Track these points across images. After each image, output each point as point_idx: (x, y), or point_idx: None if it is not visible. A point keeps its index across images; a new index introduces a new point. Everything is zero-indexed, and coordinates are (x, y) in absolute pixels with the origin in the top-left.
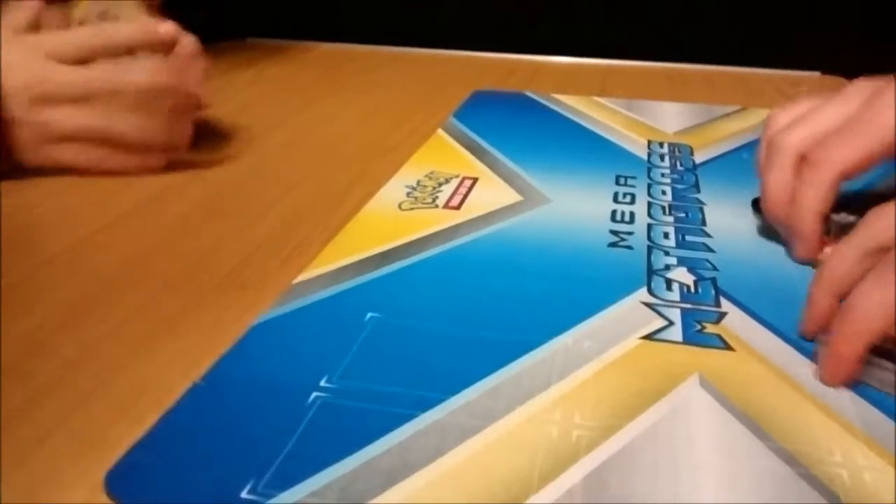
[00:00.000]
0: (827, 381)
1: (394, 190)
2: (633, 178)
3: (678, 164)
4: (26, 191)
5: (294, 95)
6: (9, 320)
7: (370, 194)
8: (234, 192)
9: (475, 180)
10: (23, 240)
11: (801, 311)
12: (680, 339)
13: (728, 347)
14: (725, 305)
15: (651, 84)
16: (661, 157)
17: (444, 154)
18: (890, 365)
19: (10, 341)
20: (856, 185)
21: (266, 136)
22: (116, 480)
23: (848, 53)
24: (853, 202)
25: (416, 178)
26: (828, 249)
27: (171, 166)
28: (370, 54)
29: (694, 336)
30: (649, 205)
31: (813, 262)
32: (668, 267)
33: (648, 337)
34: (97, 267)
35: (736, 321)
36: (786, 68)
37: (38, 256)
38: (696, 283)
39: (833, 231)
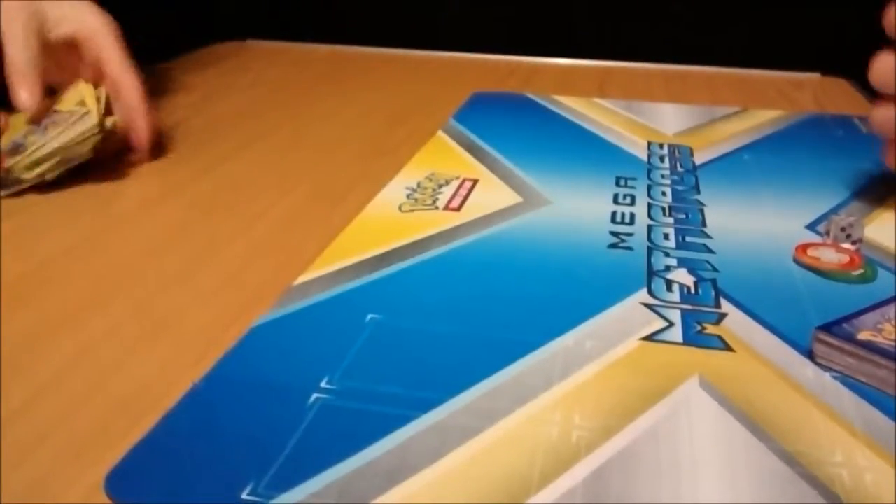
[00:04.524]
0: None
1: (394, 191)
2: (634, 179)
3: (678, 165)
4: (27, 191)
5: (294, 97)
6: (9, 319)
7: (370, 196)
8: (234, 193)
9: (475, 182)
10: (23, 240)
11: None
12: (680, 340)
13: (728, 348)
14: (725, 306)
15: (650, 85)
16: (661, 159)
17: (445, 155)
18: (889, 364)
19: (10, 340)
20: (855, 187)
21: (265, 137)
22: (116, 481)
23: (848, 54)
24: (853, 204)
25: (416, 179)
26: None
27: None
28: (370, 56)
29: (694, 337)
30: (649, 206)
31: None
32: (668, 268)
33: (649, 338)
34: (97, 267)
35: (736, 322)
36: (786, 69)
37: (39, 255)
38: (696, 284)
39: (833, 231)
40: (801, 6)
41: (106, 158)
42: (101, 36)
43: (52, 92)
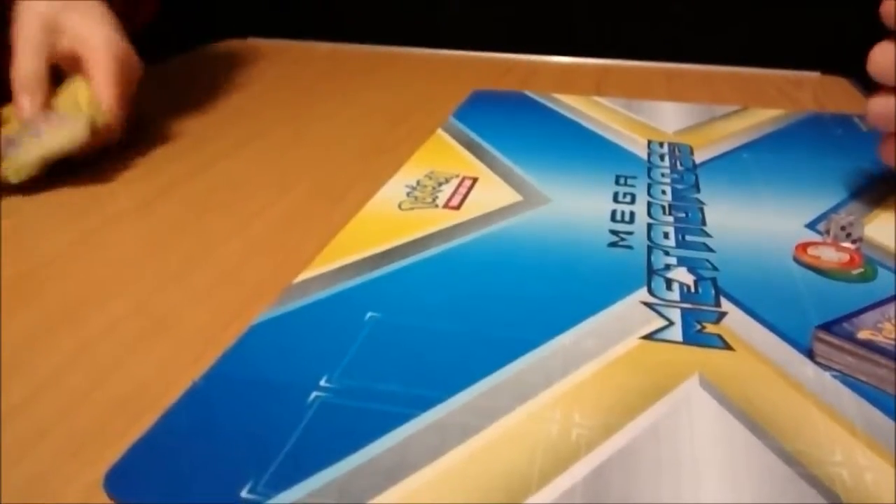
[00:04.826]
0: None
1: (394, 189)
2: (633, 177)
3: (678, 163)
4: (26, 189)
5: (294, 95)
6: (8, 318)
7: (370, 194)
8: (233, 191)
9: (475, 180)
10: (21, 239)
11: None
12: (680, 338)
13: (728, 347)
14: (725, 305)
15: (650, 84)
16: (661, 157)
17: (444, 154)
18: (890, 363)
19: (9, 339)
20: (855, 186)
21: (265, 135)
22: (116, 480)
23: (848, 53)
24: (853, 203)
25: (416, 177)
26: None
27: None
28: (370, 54)
29: (694, 336)
30: (649, 204)
31: None
32: (668, 267)
33: (648, 336)
34: (96, 265)
35: (736, 321)
36: (785, 68)
37: (38, 254)
38: (696, 282)
39: (833, 230)
40: (801, 5)
41: (99, 155)
42: (97, 57)
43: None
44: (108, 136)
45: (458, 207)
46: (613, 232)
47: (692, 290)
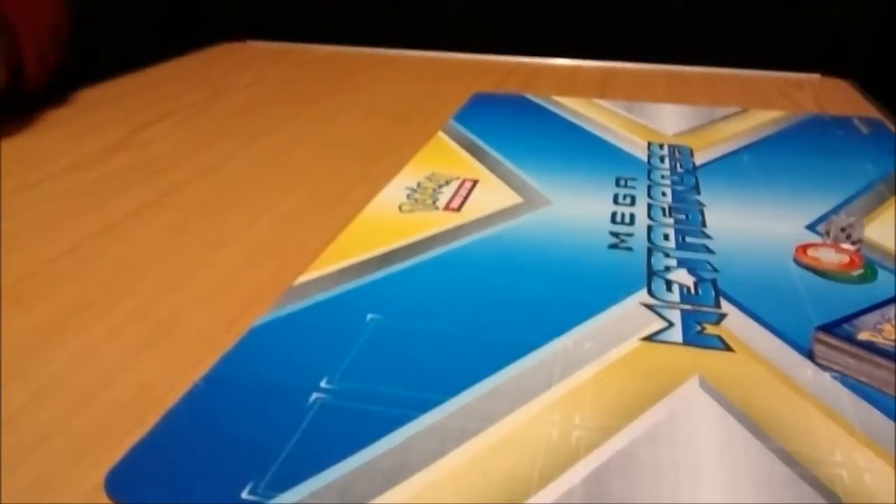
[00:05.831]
0: None
1: (394, 192)
2: (634, 179)
3: (678, 165)
4: (27, 191)
5: (294, 97)
6: (9, 321)
7: (370, 196)
8: (233, 193)
9: (475, 182)
10: (23, 241)
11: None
12: (680, 340)
13: (728, 349)
14: (725, 307)
15: (651, 86)
16: (662, 159)
17: (445, 156)
18: (889, 364)
19: (11, 341)
20: (855, 188)
21: (265, 137)
22: (117, 481)
23: (848, 54)
24: (853, 204)
25: (416, 179)
26: None
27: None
28: (370, 56)
29: (694, 337)
30: (649, 206)
31: None
32: (668, 268)
33: (648, 338)
34: (98, 267)
35: (736, 322)
36: (786, 70)
37: (39, 257)
38: (696, 284)
39: (833, 231)
40: (801, 6)
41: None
42: None
43: None
44: None
45: (458, 209)
46: (613, 234)
47: (692, 291)
